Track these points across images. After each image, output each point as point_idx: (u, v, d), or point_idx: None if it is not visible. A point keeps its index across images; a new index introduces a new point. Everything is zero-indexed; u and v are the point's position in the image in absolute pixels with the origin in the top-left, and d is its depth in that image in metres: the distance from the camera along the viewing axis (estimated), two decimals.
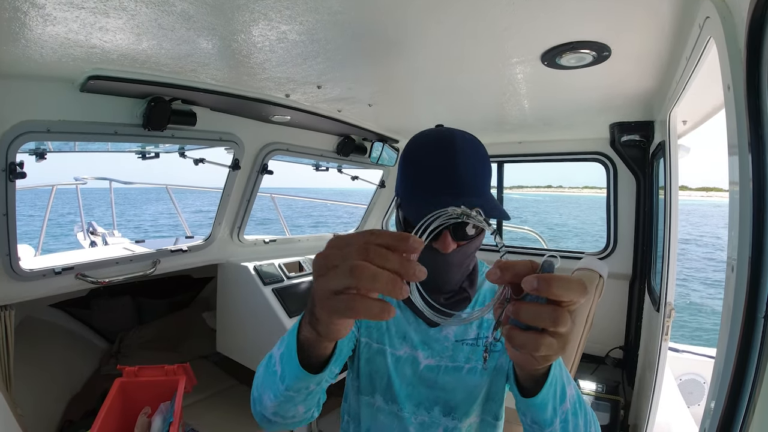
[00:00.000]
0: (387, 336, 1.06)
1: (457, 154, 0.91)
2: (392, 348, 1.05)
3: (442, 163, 0.91)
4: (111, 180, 5.65)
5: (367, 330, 1.07)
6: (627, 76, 1.90)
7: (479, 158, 0.95)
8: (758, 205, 0.76)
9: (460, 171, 0.90)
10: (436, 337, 1.04)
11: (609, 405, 2.72)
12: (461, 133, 0.96)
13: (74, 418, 2.61)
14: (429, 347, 1.04)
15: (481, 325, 1.05)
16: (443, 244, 0.90)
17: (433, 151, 0.93)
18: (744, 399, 0.75)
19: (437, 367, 1.03)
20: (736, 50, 0.85)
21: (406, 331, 1.06)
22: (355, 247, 0.50)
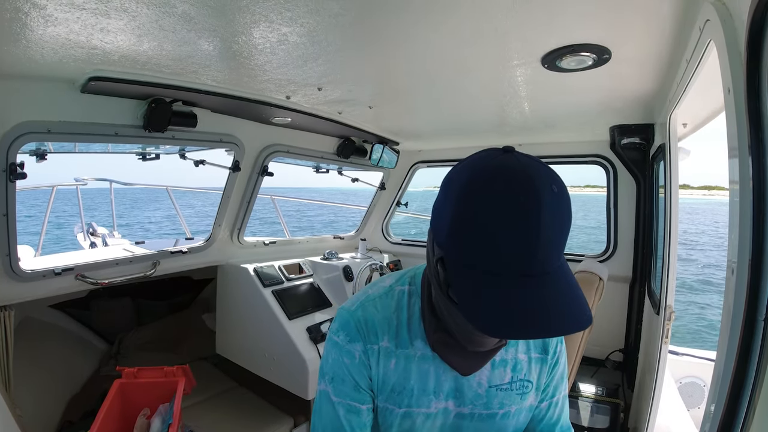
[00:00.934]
0: (414, 398, 0.93)
1: (541, 227, 0.65)
2: (419, 407, 0.93)
3: (517, 240, 0.66)
4: (111, 181, 5.65)
5: (390, 395, 0.93)
6: (627, 79, 1.90)
7: (565, 221, 0.70)
8: (758, 207, 0.76)
9: (540, 254, 0.66)
10: (469, 384, 0.94)
11: (609, 408, 2.71)
12: (547, 181, 0.68)
13: (73, 419, 2.61)
14: (461, 395, 0.94)
15: (515, 367, 0.97)
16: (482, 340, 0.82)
17: (506, 215, 0.66)
18: (744, 402, 0.75)
19: (470, 415, 0.95)
20: (737, 53, 0.85)
21: (437, 383, 0.93)
22: None
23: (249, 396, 3.08)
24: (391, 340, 0.92)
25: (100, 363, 3.32)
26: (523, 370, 0.97)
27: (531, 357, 0.98)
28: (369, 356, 0.91)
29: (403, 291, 0.96)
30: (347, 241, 4.25)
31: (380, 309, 0.93)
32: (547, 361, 0.99)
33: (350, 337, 0.91)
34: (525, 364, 0.97)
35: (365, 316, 0.92)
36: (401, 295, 0.95)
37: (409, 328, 0.92)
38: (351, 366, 0.90)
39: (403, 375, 0.92)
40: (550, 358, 1.00)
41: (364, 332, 0.91)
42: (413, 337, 0.92)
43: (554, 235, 0.67)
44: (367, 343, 0.90)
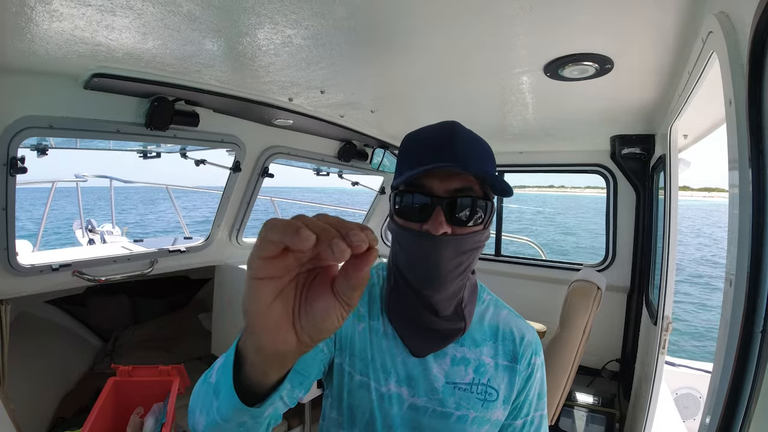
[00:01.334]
0: (371, 368, 0.93)
1: (457, 130, 0.85)
2: (377, 383, 0.92)
3: (440, 140, 0.84)
4: (111, 178, 5.65)
5: (351, 359, 0.94)
6: (629, 89, 1.90)
7: (482, 144, 0.89)
8: (757, 220, 0.76)
9: (458, 146, 0.83)
10: (424, 374, 0.92)
11: (604, 418, 2.71)
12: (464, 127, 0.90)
13: (67, 415, 2.59)
14: (416, 385, 0.92)
15: (478, 368, 0.93)
16: (433, 223, 0.80)
17: (431, 130, 0.88)
18: (740, 414, 0.75)
19: (424, 408, 0.91)
20: (739, 65, 0.85)
21: (393, 364, 0.93)
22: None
23: None
24: (362, 305, 0.98)
25: (95, 360, 3.30)
26: (488, 374, 0.94)
27: (498, 363, 0.95)
28: None
29: (379, 273, 1.04)
30: None
31: None
32: (517, 371, 0.95)
33: None
34: (491, 369, 0.94)
35: None
36: (377, 275, 1.03)
37: (381, 304, 0.98)
38: None
39: (367, 344, 0.94)
40: (520, 368, 0.95)
41: None
42: (382, 314, 0.97)
43: (471, 146, 0.85)
44: None
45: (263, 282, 0.43)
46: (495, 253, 3.92)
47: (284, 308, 0.46)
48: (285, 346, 0.47)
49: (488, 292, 1.05)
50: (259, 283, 0.43)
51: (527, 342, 0.97)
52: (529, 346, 0.97)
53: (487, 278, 3.60)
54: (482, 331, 0.97)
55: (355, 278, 0.44)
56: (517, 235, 5.80)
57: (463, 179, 0.83)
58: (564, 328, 2.29)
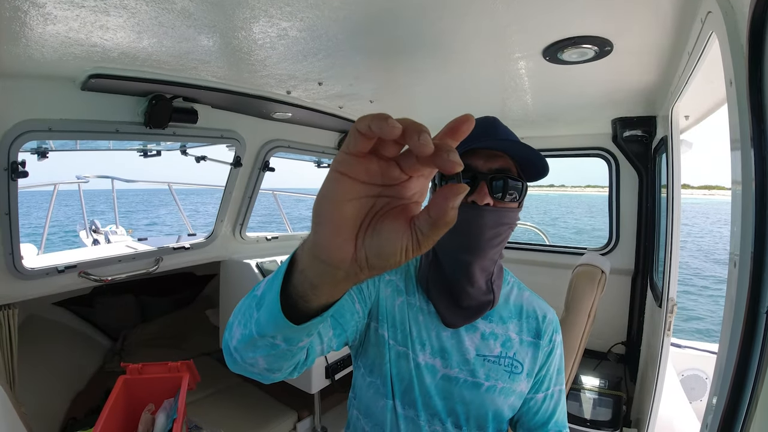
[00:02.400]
0: (410, 340, 1.02)
1: (498, 121, 1.02)
2: (414, 353, 1.01)
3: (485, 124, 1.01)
4: (113, 178, 5.66)
5: (392, 329, 1.03)
6: (629, 71, 1.89)
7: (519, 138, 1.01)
8: (761, 200, 0.76)
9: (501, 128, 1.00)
10: (457, 347, 1.02)
11: (611, 400, 2.72)
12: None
13: (78, 416, 2.62)
14: (449, 356, 1.01)
15: (505, 343, 1.03)
16: (479, 194, 0.92)
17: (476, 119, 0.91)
18: (746, 394, 0.75)
19: (456, 378, 1.00)
20: (738, 45, 0.85)
21: (428, 336, 1.02)
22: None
23: (253, 391, 3.09)
24: (400, 281, 1.07)
25: (104, 359, 3.33)
26: (513, 348, 1.03)
27: (523, 339, 1.05)
28: (380, 279, 1.05)
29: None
30: None
31: None
32: (540, 346, 1.05)
33: None
34: (516, 344, 1.04)
35: None
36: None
37: (413, 281, 1.07)
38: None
39: (406, 316, 1.03)
40: (543, 344, 1.05)
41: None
42: (416, 290, 1.06)
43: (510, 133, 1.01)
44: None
45: (343, 178, 0.41)
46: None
47: (355, 214, 0.43)
48: (340, 254, 0.44)
49: (512, 275, 1.16)
50: (340, 177, 0.41)
51: (549, 320, 1.08)
52: (551, 324, 1.08)
53: None
54: (508, 309, 1.07)
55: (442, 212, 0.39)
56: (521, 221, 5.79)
57: (502, 160, 0.96)
58: (569, 312, 2.29)
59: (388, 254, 0.43)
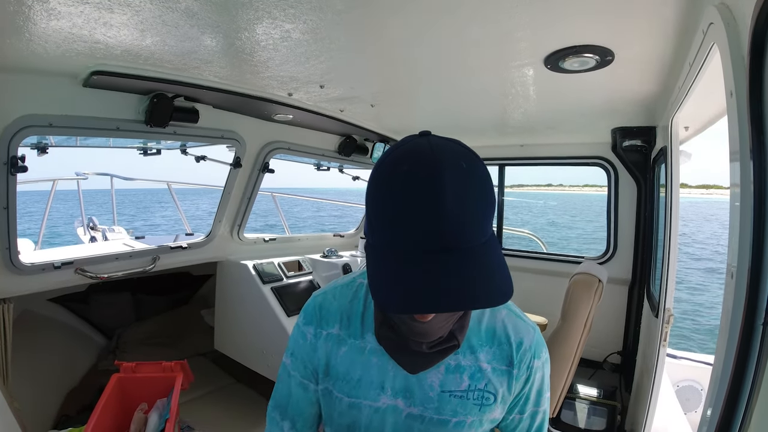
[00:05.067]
0: (360, 388, 0.91)
1: (446, 199, 0.64)
2: (369, 400, 0.91)
3: (421, 215, 0.64)
4: (112, 175, 5.65)
5: (336, 382, 0.93)
6: (630, 81, 1.90)
7: (478, 196, 0.68)
8: (759, 212, 0.76)
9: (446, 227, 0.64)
10: (419, 384, 0.90)
11: (606, 410, 2.72)
12: (453, 158, 0.67)
13: (71, 413, 2.61)
14: (411, 394, 0.90)
15: (474, 374, 0.91)
16: (419, 329, 0.77)
17: (410, 193, 0.65)
18: (741, 407, 0.75)
19: (420, 417, 0.90)
20: (740, 57, 0.85)
21: (383, 380, 0.90)
22: None
23: (246, 392, 3.08)
24: (342, 329, 0.94)
25: (99, 357, 3.32)
26: (484, 380, 0.91)
27: (495, 368, 0.92)
28: (317, 340, 0.95)
29: (363, 284, 0.98)
30: (347, 239, 4.25)
31: (338, 297, 0.97)
32: (513, 375, 0.92)
33: (306, 320, 0.97)
34: (488, 374, 0.91)
35: (323, 303, 0.97)
36: (360, 288, 0.97)
37: (363, 321, 0.94)
38: (303, 346, 0.97)
39: (351, 364, 0.93)
40: (518, 373, 0.93)
41: (317, 317, 0.96)
42: (365, 330, 0.93)
43: (465, 210, 0.65)
44: (318, 327, 0.95)
45: None
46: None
47: None
48: None
49: None
50: None
51: (525, 348, 0.93)
52: (528, 352, 0.93)
53: None
54: (479, 335, 0.93)
55: None
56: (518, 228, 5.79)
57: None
58: (565, 320, 2.29)
59: None
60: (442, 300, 0.63)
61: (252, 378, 2.94)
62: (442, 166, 0.65)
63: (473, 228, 0.67)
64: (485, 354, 0.92)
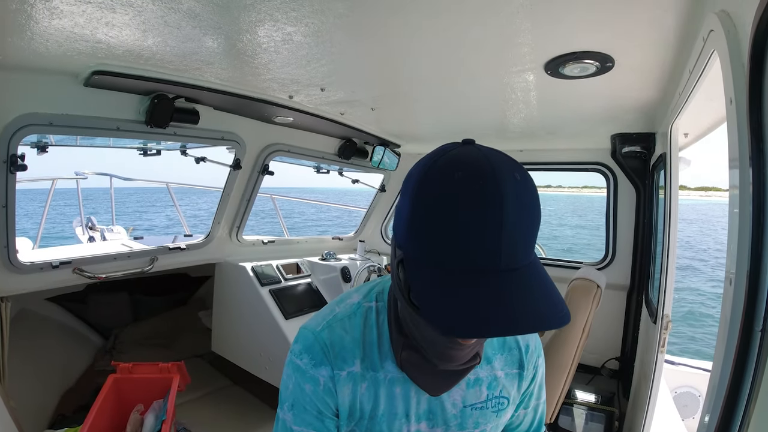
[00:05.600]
0: (385, 422, 0.88)
1: (506, 217, 0.59)
2: (397, 430, 0.89)
3: (478, 233, 0.59)
4: (111, 175, 5.64)
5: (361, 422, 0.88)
6: (630, 87, 1.90)
7: (532, 212, 0.63)
8: (757, 219, 0.76)
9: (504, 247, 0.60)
10: (442, 405, 0.89)
11: (604, 416, 2.71)
12: (509, 170, 0.62)
13: (67, 413, 2.60)
14: (434, 417, 0.89)
15: (490, 384, 0.92)
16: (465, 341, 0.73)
17: (466, 208, 0.60)
18: (739, 413, 0.75)
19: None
20: (740, 64, 0.85)
21: (408, 408, 0.88)
22: None
23: (243, 394, 3.07)
24: (361, 364, 0.85)
25: (95, 357, 3.31)
26: (499, 386, 0.93)
27: (507, 373, 0.94)
28: (336, 382, 0.84)
29: (371, 308, 0.89)
30: (346, 243, 4.25)
31: (349, 330, 0.86)
32: (523, 376, 0.95)
33: (315, 361, 0.84)
34: (502, 380, 0.93)
35: (332, 339, 0.85)
36: (369, 313, 0.88)
37: (380, 349, 0.86)
38: (314, 393, 0.84)
39: (374, 400, 0.86)
40: (527, 374, 0.96)
41: (331, 356, 0.84)
42: (383, 359, 0.86)
43: (521, 226, 0.61)
44: (335, 368, 0.84)
45: None
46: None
47: None
48: None
49: None
50: None
51: (532, 350, 0.97)
52: (534, 353, 0.97)
53: None
54: (492, 346, 0.93)
55: None
56: None
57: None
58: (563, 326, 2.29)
59: None
60: (511, 323, 0.59)
61: (249, 380, 2.93)
62: (503, 177, 0.60)
63: (527, 246, 0.63)
64: (498, 362, 0.93)
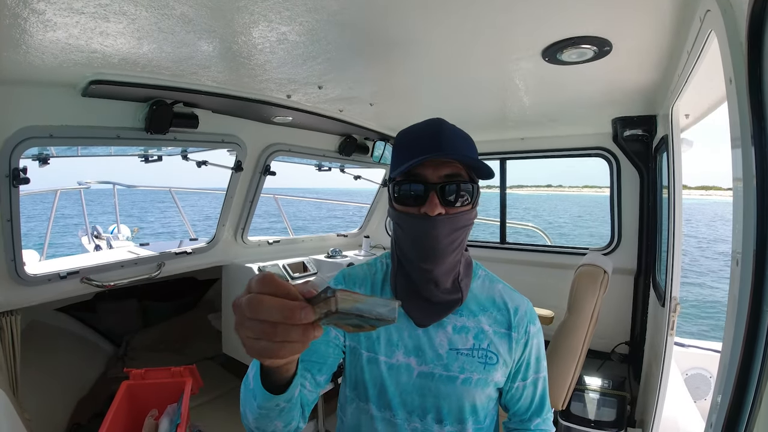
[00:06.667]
0: (377, 344, 1.06)
1: (443, 126, 0.99)
2: (385, 356, 1.05)
3: (429, 134, 0.97)
4: (114, 183, 5.67)
5: (356, 337, 1.08)
6: (628, 71, 1.89)
7: (464, 136, 1.02)
8: (762, 197, 0.76)
9: (445, 134, 0.96)
10: (430, 343, 1.04)
11: (615, 401, 2.71)
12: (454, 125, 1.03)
13: (82, 421, 2.62)
14: (422, 353, 1.04)
15: (477, 335, 1.05)
16: (430, 205, 0.93)
17: (420, 127, 1.01)
18: (750, 393, 0.75)
19: (431, 374, 1.03)
20: (737, 43, 0.84)
21: (399, 337, 1.05)
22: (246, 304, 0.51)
23: None
24: (366, 291, 1.11)
25: (107, 365, 3.34)
26: (487, 340, 1.05)
27: (496, 330, 1.07)
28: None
29: (383, 262, 1.18)
30: (351, 239, 4.26)
31: (364, 270, 1.18)
32: (513, 338, 1.07)
33: (335, 282, 1.15)
34: (490, 336, 1.06)
35: (351, 273, 1.17)
36: (380, 264, 1.18)
37: (383, 287, 1.12)
38: None
39: None
40: (517, 336, 1.07)
41: (348, 282, 1.14)
42: (384, 294, 1.10)
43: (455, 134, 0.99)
44: (347, 286, 1.12)
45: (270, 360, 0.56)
46: (500, 241, 3.91)
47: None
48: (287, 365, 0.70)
49: (483, 269, 1.17)
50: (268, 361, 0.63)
51: (522, 313, 1.10)
52: (524, 317, 1.10)
53: (494, 266, 3.55)
54: (478, 302, 1.09)
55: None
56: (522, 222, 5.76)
57: (451, 167, 0.96)
58: (572, 312, 2.29)
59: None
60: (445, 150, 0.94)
61: None
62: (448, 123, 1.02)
63: (459, 150, 0.97)
64: (486, 318, 1.08)
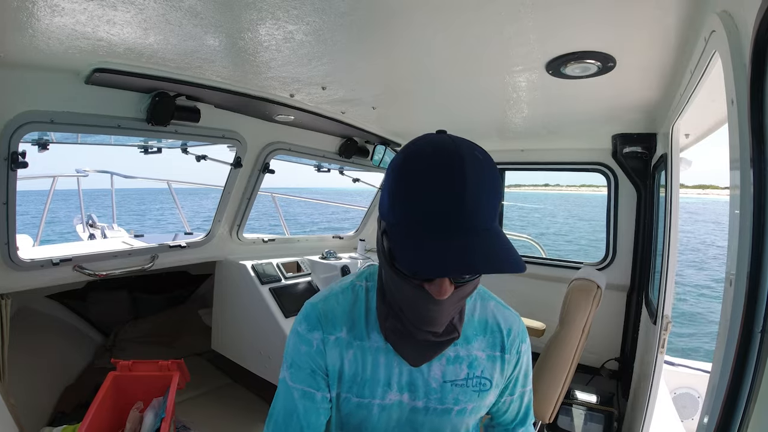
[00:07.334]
0: (369, 388, 0.96)
1: (467, 181, 0.71)
2: (379, 399, 0.97)
3: (445, 193, 0.71)
4: (112, 173, 5.65)
5: (346, 385, 0.97)
6: (631, 88, 1.90)
7: (490, 183, 0.75)
8: (758, 220, 0.76)
9: (467, 206, 0.71)
10: (423, 378, 0.96)
11: (603, 416, 2.71)
12: (469, 148, 0.76)
13: (66, 410, 2.60)
14: (415, 389, 0.97)
15: (471, 364, 0.99)
16: (439, 290, 0.77)
17: (434, 174, 0.73)
18: (738, 414, 0.75)
19: (425, 409, 0.97)
20: (741, 65, 0.85)
21: (390, 376, 0.96)
22: None
23: (243, 393, 3.07)
24: (348, 332, 0.97)
25: (95, 355, 3.32)
26: (480, 367, 0.99)
27: (489, 355, 1.01)
28: (325, 345, 0.96)
29: (362, 286, 1.01)
30: (346, 241, 4.25)
31: (341, 302, 0.99)
32: (506, 360, 1.02)
33: (310, 326, 0.97)
34: (483, 362, 1.00)
35: (326, 309, 0.98)
36: (360, 290, 1.01)
37: (367, 321, 0.97)
38: (308, 354, 0.96)
39: (359, 365, 0.96)
40: (510, 357, 1.02)
41: (323, 323, 0.96)
42: (370, 330, 0.97)
43: (480, 193, 0.72)
44: (325, 332, 0.96)
45: None
46: None
47: None
48: None
49: (483, 289, 1.08)
50: None
51: (514, 334, 1.03)
52: (517, 337, 1.03)
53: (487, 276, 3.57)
54: (473, 326, 1.01)
55: None
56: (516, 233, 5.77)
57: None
58: (563, 326, 2.29)
59: None
60: (468, 264, 0.71)
61: (249, 378, 2.93)
62: (464, 152, 0.74)
63: (488, 208, 0.74)
64: (479, 343, 1.01)
